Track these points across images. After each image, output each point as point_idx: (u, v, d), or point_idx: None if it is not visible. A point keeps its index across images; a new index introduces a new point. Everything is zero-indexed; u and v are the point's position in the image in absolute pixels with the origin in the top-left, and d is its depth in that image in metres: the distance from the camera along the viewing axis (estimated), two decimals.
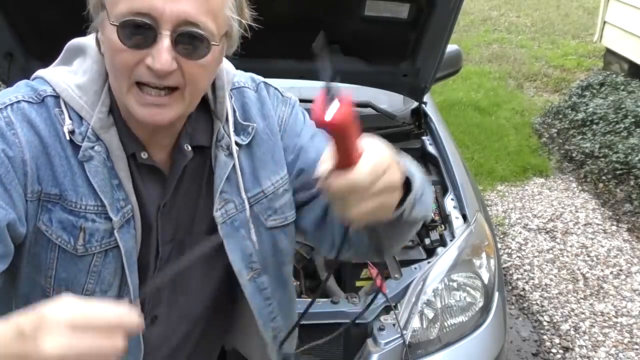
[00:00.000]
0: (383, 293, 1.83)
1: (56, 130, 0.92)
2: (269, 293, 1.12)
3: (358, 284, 1.97)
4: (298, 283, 2.06)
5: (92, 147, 0.94)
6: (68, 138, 0.92)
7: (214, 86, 1.03)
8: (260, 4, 1.61)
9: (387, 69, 2.40)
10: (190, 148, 1.00)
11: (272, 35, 2.12)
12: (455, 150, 2.51)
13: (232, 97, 1.06)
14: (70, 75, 0.96)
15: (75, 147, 0.93)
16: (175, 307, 1.09)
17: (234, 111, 1.06)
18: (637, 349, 2.91)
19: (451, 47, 2.61)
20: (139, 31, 0.85)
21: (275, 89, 1.13)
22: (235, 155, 1.03)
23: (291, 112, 1.12)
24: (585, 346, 2.94)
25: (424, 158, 2.55)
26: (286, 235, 1.12)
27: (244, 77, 1.11)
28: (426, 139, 2.57)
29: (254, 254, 1.07)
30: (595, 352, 2.90)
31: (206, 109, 1.04)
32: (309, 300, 1.87)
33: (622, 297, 3.27)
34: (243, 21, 0.96)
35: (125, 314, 0.67)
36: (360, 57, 2.36)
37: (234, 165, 1.03)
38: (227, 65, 1.06)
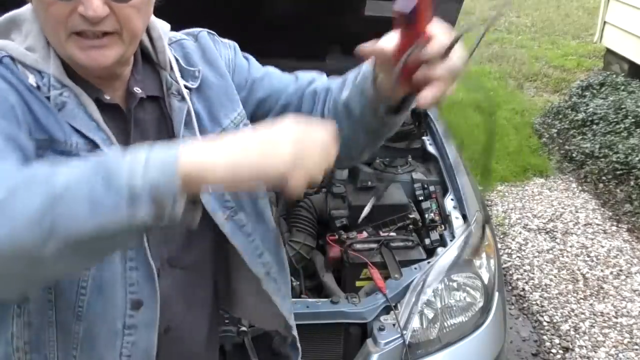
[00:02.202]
0: (383, 293, 1.83)
1: (24, 84, 0.94)
2: (249, 229, 1.13)
3: (358, 284, 1.97)
4: (298, 283, 2.06)
5: (61, 94, 0.95)
6: (35, 86, 0.94)
7: (151, 39, 1.07)
8: (261, 3, 1.61)
9: None
10: (140, 91, 1.03)
11: (272, 35, 2.13)
12: (455, 151, 2.51)
13: (172, 50, 1.10)
14: (16, 44, 0.98)
15: (47, 98, 0.94)
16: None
17: (177, 60, 1.09)
18: (637, 350, 2.91)
19: None
20: None
21: (213, 34, 1.18)
22: (188, 97, 1.06)
23: (235, 54, 1.18)
24: (585, 346, 2.94)
25: (424, 158, 2.55)
26: None
27: (181, 33, 1.16)
28: (426, 139, 2.57)
29: (226, 193, 1.09)
30: (595, 352, 2.90)
31: (151, 62, 1.07)
32: (309, 300, 1.88)
33: (622, 297, 3.27)
34: None
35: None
36: (361, 57, 2.36)
37: (189, 109, 1.06)
38: (159, 23, 1.09)
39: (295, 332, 1.30)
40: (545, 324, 3.10)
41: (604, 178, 4.30)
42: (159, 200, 0.73)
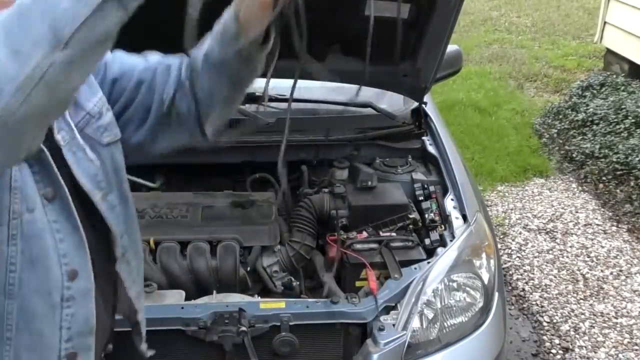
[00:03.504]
0: (373, 295, 1.82)
1: None
2: (118, 211, 1.16)
3: (358, 284, 1.97)
4: (298, 283, 2.06)
5: None
6: None
7: None
8: None
9: (387, 69, 2.40)
10: None
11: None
12: (455, 151, 2.51)
13: None
14: None
15: None
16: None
17: None
18: (637, 350, 2.91)
19: (451, 47, 2.61)
20: None
21: None
22: None
23: None
24: (585, 347, 2.94)
25: (424, 158, 2.55)
26: (119, 151, 1.18)
27: None
28: (426, 139, 2.57)
29: (98, 173, 1.11)
30: (595, 352, 2.90)
31: None
32: (309, 300, 1.88)
33: (622, 297, 3.27)
34: None
35: None
36: (361, 57, 2.36)
37: None
38: None
39: (140, 317, 1.32)
40: (545, 324, 3.09)
41: (604, 178, 4.30)
42: None
